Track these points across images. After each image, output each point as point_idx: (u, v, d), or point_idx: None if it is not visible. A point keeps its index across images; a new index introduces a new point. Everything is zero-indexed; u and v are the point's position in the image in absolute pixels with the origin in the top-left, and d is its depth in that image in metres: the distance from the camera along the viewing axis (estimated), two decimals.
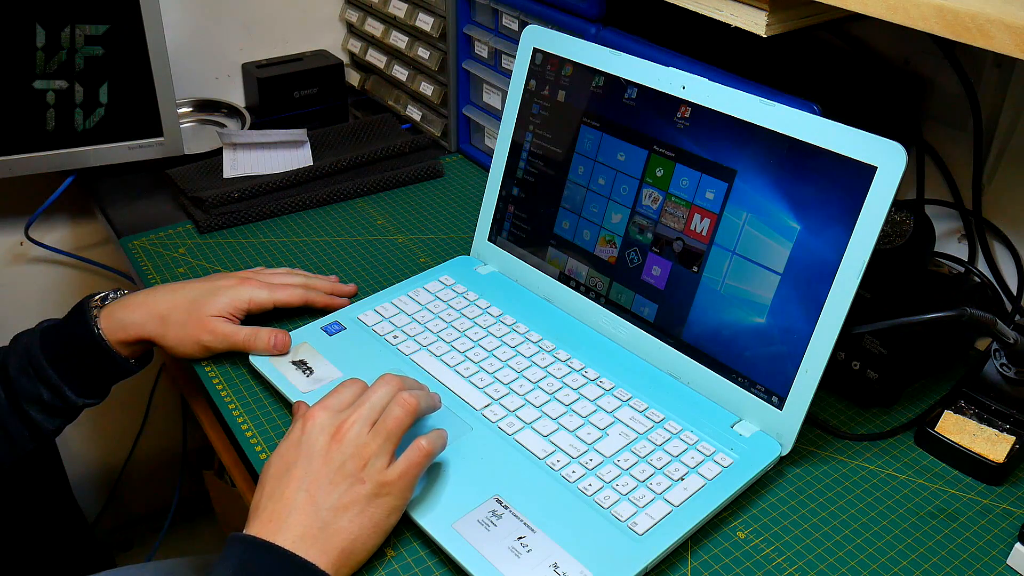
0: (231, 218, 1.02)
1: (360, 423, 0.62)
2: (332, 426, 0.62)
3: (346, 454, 0.61)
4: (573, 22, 0.92)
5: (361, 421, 0.62)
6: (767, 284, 0.69)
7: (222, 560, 0.58)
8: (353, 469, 0.61)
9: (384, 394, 0.65)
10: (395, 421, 0.63)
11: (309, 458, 0.61)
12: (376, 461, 0.61)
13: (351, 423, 0.62)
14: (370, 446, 0.62)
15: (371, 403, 0.64)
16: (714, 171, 0.72)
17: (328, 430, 0.62)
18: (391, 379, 0.66)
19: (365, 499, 0.60)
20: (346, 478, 0.60)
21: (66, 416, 0.79)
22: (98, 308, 0.78)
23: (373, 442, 0.62)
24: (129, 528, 1.57)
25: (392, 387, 0.65)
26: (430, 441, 0.64)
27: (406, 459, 0.62)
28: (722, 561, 0.64)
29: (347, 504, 0.60)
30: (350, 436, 0.62)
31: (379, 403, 0.64)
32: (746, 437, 0.71)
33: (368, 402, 0.64)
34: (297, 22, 1.33)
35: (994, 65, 0.83)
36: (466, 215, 1.06)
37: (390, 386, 0.65)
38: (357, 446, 0.61)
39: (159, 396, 1.43)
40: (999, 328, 0.69)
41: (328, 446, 0.61)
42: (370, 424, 0.63)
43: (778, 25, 0.72)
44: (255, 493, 0.62)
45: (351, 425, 0.62)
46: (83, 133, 1.03)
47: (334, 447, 0.61)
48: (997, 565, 0.64)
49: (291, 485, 0.60)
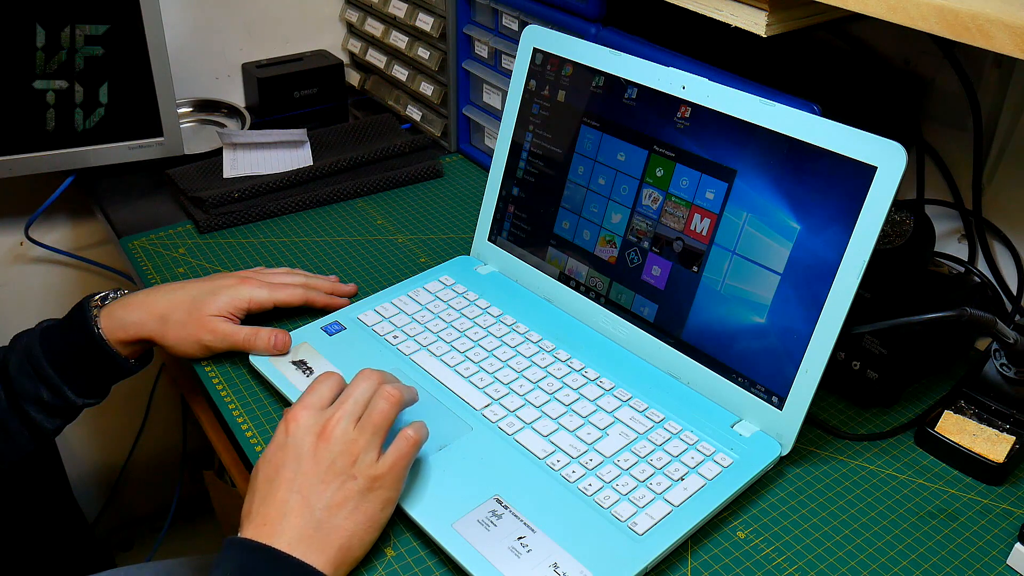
0: (231, 218, 1.02)
1: (346, 419, 0.62)
2: (317, 425, 0.62)
3: (335, 451, 0.61)
4: (573, 22, 0.92)
5: (347, 417, 0.62)
6: (767, 284, 0.69)
7: (219, 564, 0.58)
8: (343, 466, 0.61)
9: (366, 389, 0.64)
10: (381, 414, 0.63)
11: (298, 459, 0.61)
12: (365, 456, 0.61)
13: (336, 420, 0.62)
14: (358, 441, 0.61)
15: (354, 398, 0.64)
16: (714, 171, 0.72)
17: (314, 429, 0.62)
18: (371, 373, 0.66)
19: (358, 494, 0.60)
20: (337, 475, 0.60)
21: (66, 416, 0.79)
22: (98, 308, 0.78)
23: (361, 437, 0.62)
24: (129, 528, 1.57)
25: (373, 381, 0.65)
26: (416, 430, 0.64)
27: (395, 450, 0.62)
28: (722, 561, 0.64)
29: (341, 501, 0.60)
30: (337, 433, 0.61)
31: (362, 398, 0.64)
32: (746, 437, 0.71)
33: (351, 398, 0.64)
34: (297, 22, 1.33)
35: (994, 65, 0.83)
36: (466, 215, 1.06)
37: (371, 380, 0.65)
38: (345, 442, 0.61)
39: (159, 396, 1.43)
40: (999, 328, 0.69)
41: (316, 445, 0.61)
42: (355, 420, 0.63)
43: (778, 25, 0.72)
44: (245, 500, 0.62)
45: (337, 422, 0.62)
46: (83, 133, 1.03)
47: (322, 446, 0.61)
48: (997, 565, 0.64)
49: (282, 487, 0.60)
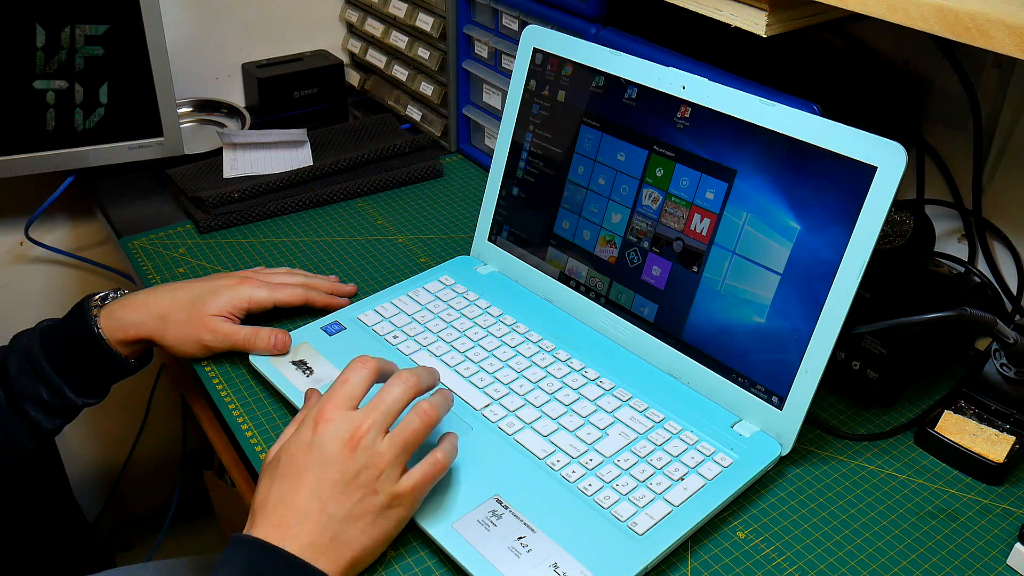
0: (231, 218, 1.02)
1: (375, 430, 0.60)
2: (347, 432, 0.60)
3: (360, 464, 0.59)
4: (573, 22, 0.92)
5: (376, 428, 0.60)
6: (767, 284, 0.69)
7: (227, 560, 0.57)
8: (367, 480, 0.59)
9: (400, 396, 0.62)
10: (413, 433, 0.61)
11: (322, 465, 0.59)
12: (390, 472, 0.60)
13: (367, 429, 0.60)
14: (385, 456, 0.60)
15: (387, 407, 0.61)
16: (714, 171, 0.72)
17: (342, 436, 0.60)
18: (408, 377, 0.63)
19: (377, 510, 0.59)
20: (359, 488, 0.59)
21: (66, 416, 0.79)
22: (98, 308, 0.78)
23: (388, 452, 0.60)
24: (129, 528, 1.57)
25: (409, 388, 0.63)
26: (445, 454, 0.62)
27: (420, 472, 0.61)
28: (722, 561, 0.64)
29: (359, 515, 0.59)
30: (364, 444, 0.59)
31: (395, 408, 0.62)
32: (746, 437, 0.71)
33: (383, 406, 0.61)
34: (297, 22, 1.33)
35: (994, 65, 0.83)
36: (466, 215, 1.06)
37: (407, 387, 0.63)
38: (372, 455, 0.59)
39: (159, 396, 1.43)
40: (999, 328, 0.69)
41: (342, 453, 0.59)
42: (384, 430, 0.61)
43: (778, 25, 0.72)
44: (258, 489, 0.61)
45: (366, 432, 0.60)
46: (83, 133, 1.03)
47: (348, 455, 0.59)
48: (997, 565, 0.64)
49: (302, 491, 0.59)
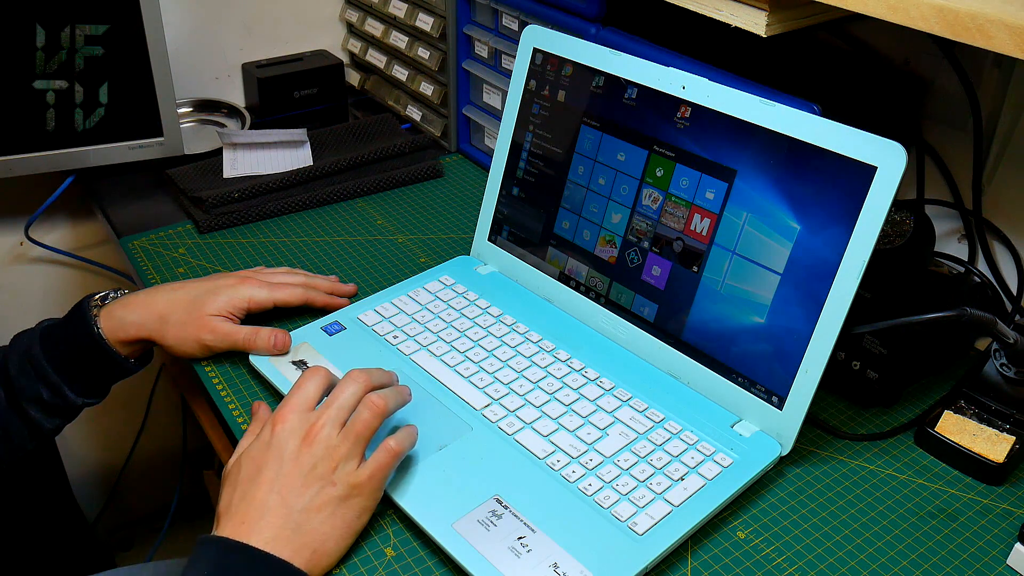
0: (231, 218, 1.02)
1: (330, 425, 0.63)
2: (302, 429, 0.62)
3: (317, 456, 0.61)
4: (573, 22, 0.92)
5: (331, 423, 0.63)
6: (767, 284, 0.69)
7: (194, 563, 0.58)
8: (324, 471, 0.61)
9: (352, 393, 0.65)
10: (363, 424, 0.63)
11: (280, 460, 0.61)
12: (346, 464, 0.62)
13: (321, 425, 0.62)
14: (340, 449, 0.62)
15: (339, 403, 0.64)
16: (714, 171, 0.72)
17: (299, 433, 0.62)
18: (358, 376, 0.66)
19: (336, 501, 0.61)
20: (317, 480, 0.61)
21: (66, 415, 0.79)
22: (98, 308, 0.78)
23: (343, 445, 0.62)
24: (129, 528, 1.57)
25: (360, 385, 0.65)
26: (398, 442, 0.64)
27: (375, 461, 0.63)
28: (722, 561, 0.64)
29: (319, 506, 0.61)
30: (320, 438, 0.62)
31: (347, 403, 0.64)
32: (746, 437, 0.71)
33: (336, 403, 0.64)
34: (297, 22, 1.33)
35: (994, 65, 0.83)
36: (466, 215, 1.06)
37: (357, 384, 0.65)
38: (327, 448, 0.62)
39: (159, 396, 1.43)
40: (999, 328, 0.69)
41: (299, 449, 0.62)
42: (339, 425, 0.63)
43: (778, 25, 0.72)
44: (222, 496, 0.63)
45: (321, 427, 0.62)
46: (83, 133, 1.03)
47: (305, 450, 0.62)
48: (997, 565, 0.64)
49: (262, 487, 0.60)
